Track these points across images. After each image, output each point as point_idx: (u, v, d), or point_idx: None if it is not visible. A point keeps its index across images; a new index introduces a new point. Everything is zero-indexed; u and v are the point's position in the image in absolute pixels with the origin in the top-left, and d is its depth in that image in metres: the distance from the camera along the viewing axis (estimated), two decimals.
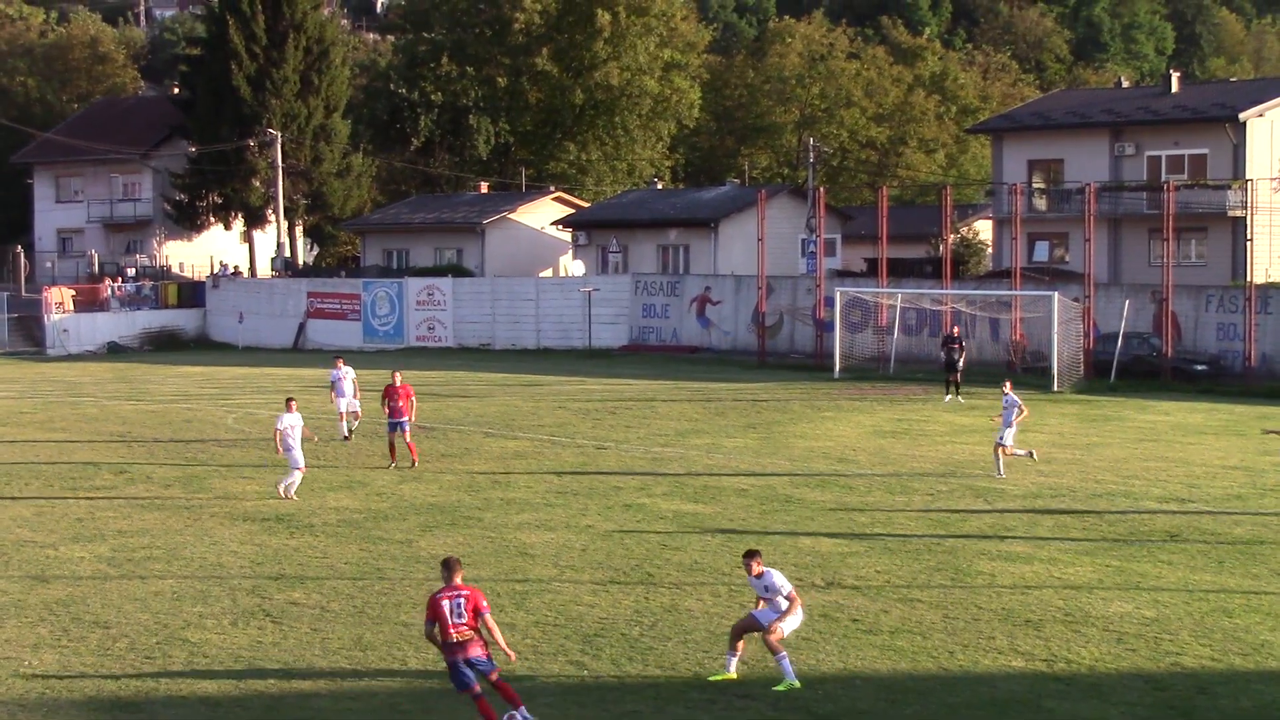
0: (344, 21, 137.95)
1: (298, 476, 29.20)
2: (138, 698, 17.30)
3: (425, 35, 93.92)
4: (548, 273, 75.98)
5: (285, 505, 28.33)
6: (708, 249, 69.54)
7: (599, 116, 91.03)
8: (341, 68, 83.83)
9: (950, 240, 62.03)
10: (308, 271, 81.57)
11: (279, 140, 76.44)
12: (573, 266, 74.33)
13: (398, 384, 33.33)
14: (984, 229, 78.66)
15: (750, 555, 17.75)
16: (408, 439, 33.16)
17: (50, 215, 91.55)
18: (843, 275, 65.96)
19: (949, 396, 45.30)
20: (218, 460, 34.15)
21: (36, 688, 17.56)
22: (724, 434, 38.22)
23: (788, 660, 17.41)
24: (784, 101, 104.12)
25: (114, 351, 69.61)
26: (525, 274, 72.62)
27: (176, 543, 25.17)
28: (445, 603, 15.92)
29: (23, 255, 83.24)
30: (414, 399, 33.70)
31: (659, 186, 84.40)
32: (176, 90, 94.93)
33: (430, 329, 68.57)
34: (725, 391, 48.62)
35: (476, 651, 15.86)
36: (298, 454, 29.13)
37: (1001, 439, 31.14)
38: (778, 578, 17.63)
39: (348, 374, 37.64)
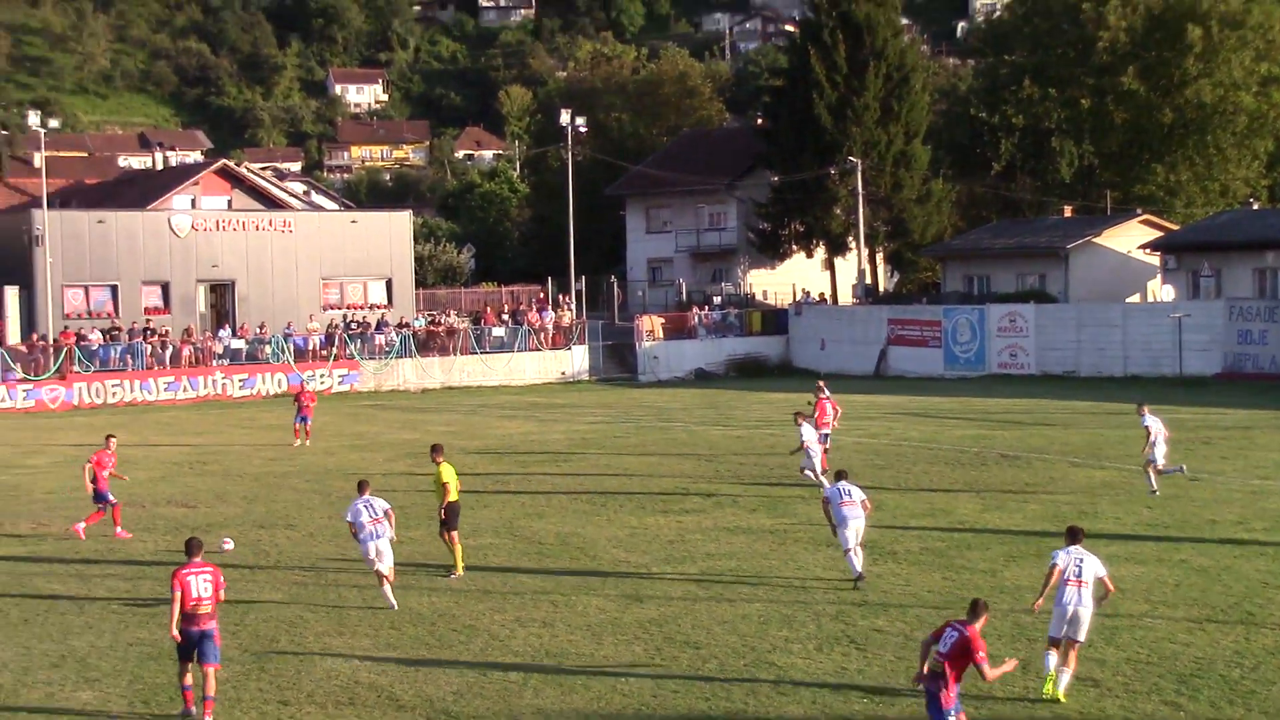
0: (924, 47, 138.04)
1: None
2: (727, 718, 17.56)
3: (1006, 58, 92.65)
4: (1134, 298, 73.40)
5: (869, 533, 28.26)
6: None
7: (1189, 135, 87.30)
8: (921, 94, 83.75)
9: None
10: (888, 298, 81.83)
11: (860, 168, 77.06)
12: (1161, 291, 71.56)
13: None
14: None
15: None
16: None
17: (641, 245, 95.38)
18: None
19: None
20: (802, 486, 34.49)
21: (631, 704, 18.09)
22: None
23: None
24: None
25: (701, 378, 71.78)
26: (1111, 299, 70.37)
27: (763, 566, 25.54)
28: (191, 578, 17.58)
29: (616, 284, 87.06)
30: None
31: (1255, 207, 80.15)
32: (760, 121, 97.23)
33: (1012, 356, 67.43)
34: None
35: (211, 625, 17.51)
36: None
37: None
38: None
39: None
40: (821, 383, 41.32)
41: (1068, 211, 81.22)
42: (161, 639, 19.93)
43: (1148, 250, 72.95)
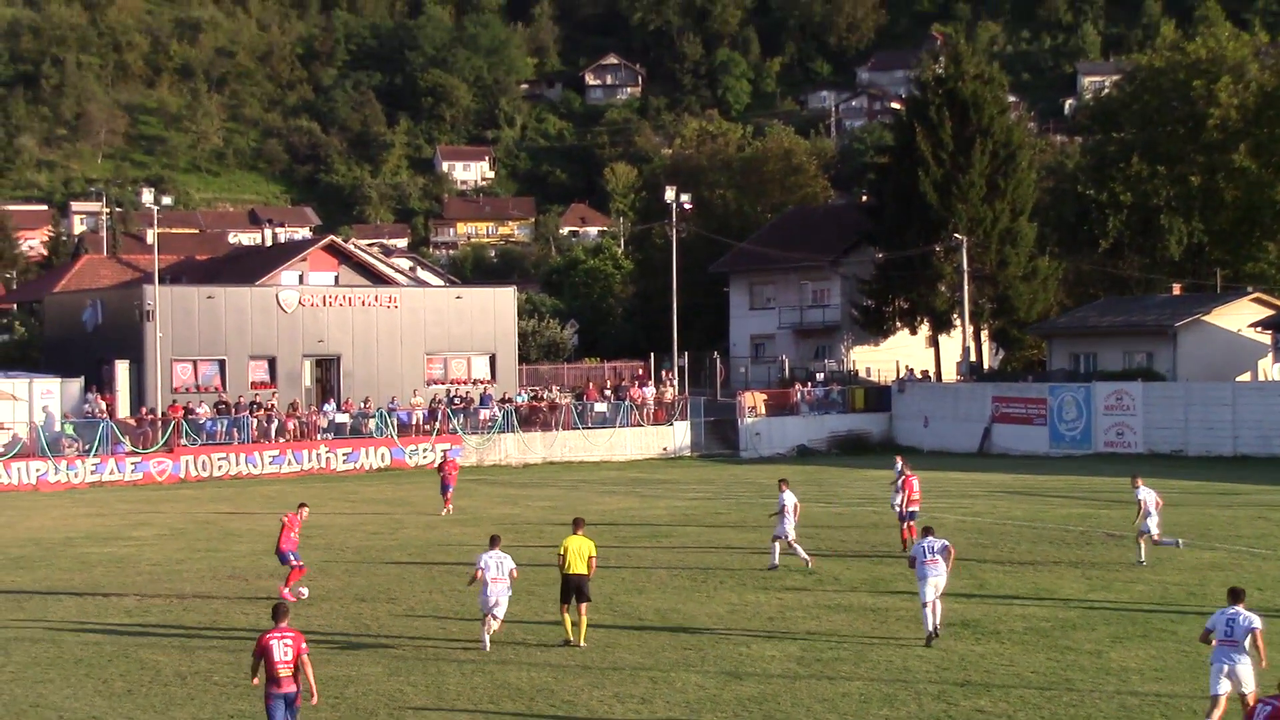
0: (1031, 124, 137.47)
1: None
2: None
3: (1114, 135, 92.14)
4: (1244, 376, 72.30)
5: (972, 611, 27.94)
6: None
7: None
8: (1028, 171, 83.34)
9: None
10: (992, 375, 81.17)
11: (965, 244, 76.72)
12: (1273, 370, 70.42)
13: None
14: None
15: None
16: None
17: (744, 321, 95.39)
18: None
19: None
20: (903, 564, 34.09)
21: None
22: None
23: None
24: None
25: (803, 454, 71.49)
26: (1220, 378, 69.37)
27: (863, 645, 25.28)
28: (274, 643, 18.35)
29: (719, 360, 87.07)
30: None
31: None
32: (864, 198, 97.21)
33: (1119, 434, 66.59)
34: None
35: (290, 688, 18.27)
36: None
37: None
38: None
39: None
40: (900, 458, 41.09)
41: (1176, 289, 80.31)
42: (261, 712, 20.02)
43: (1258, 329, 71.93)
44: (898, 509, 37.24)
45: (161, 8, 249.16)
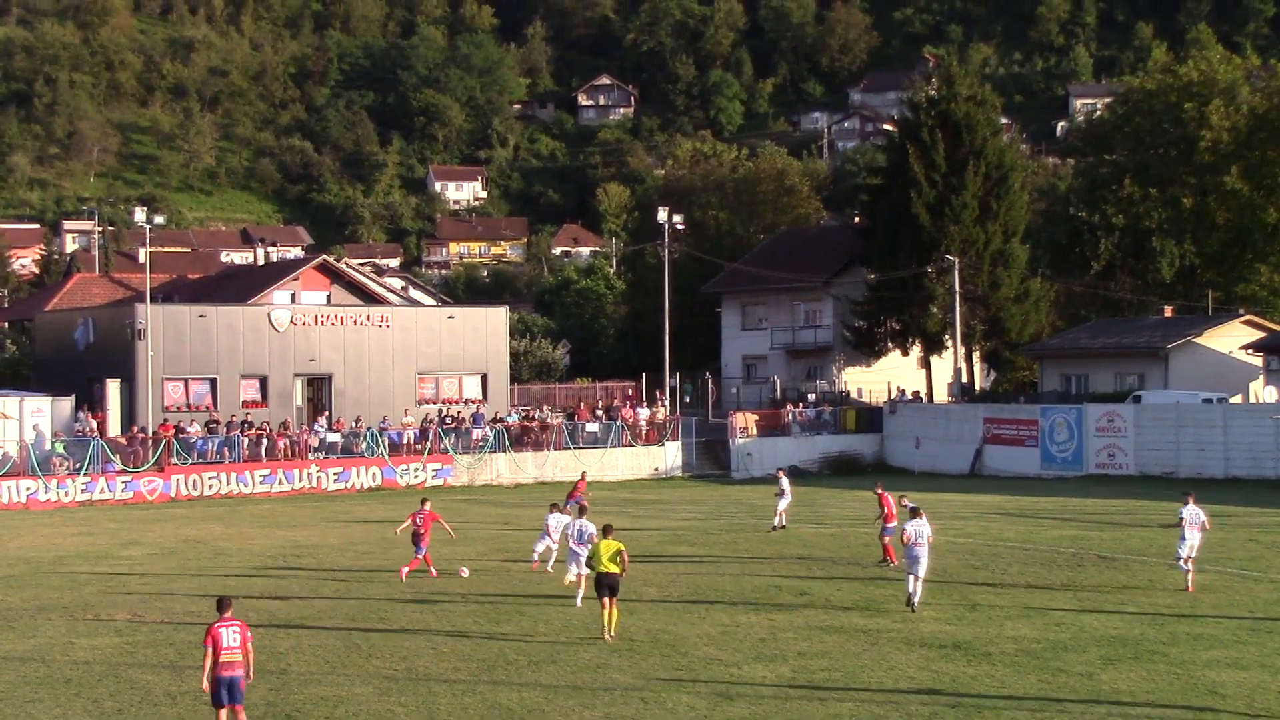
0: (1023, 146, 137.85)
1: None
2: None
3: (1106, 157, 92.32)
4: (1236, 399, 72.39)
5: (963, 633, 27.93)
6: None
7: None
8: (1020, 192, 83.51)
9: None
10: (984, 397, 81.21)
11: (957, 266, 76.84)
12: (1264, 392, 70.52)
13: None
14: None
15: None
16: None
17: (736, 342, 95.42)
18: None
19: None
20: (895, 585, 34.16)
21: None
22: None
23: None
24: None
25: (794, 475, 71.38)
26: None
27: (855, 666, 25.25)
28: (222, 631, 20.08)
29: (710, 381, 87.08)
30: None
31: None
32: (857, 219, 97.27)
33: (1110, 456, 66.61)
34: None
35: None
36: None
37: None
38: None
39: None
40: (880, 484, 42.49)
41: (1168, 311, 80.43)
42: None
43: (1250, 351, 72.04)
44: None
45: (155, 27, 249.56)
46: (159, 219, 77.42)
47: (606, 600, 27.80)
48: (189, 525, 50.45)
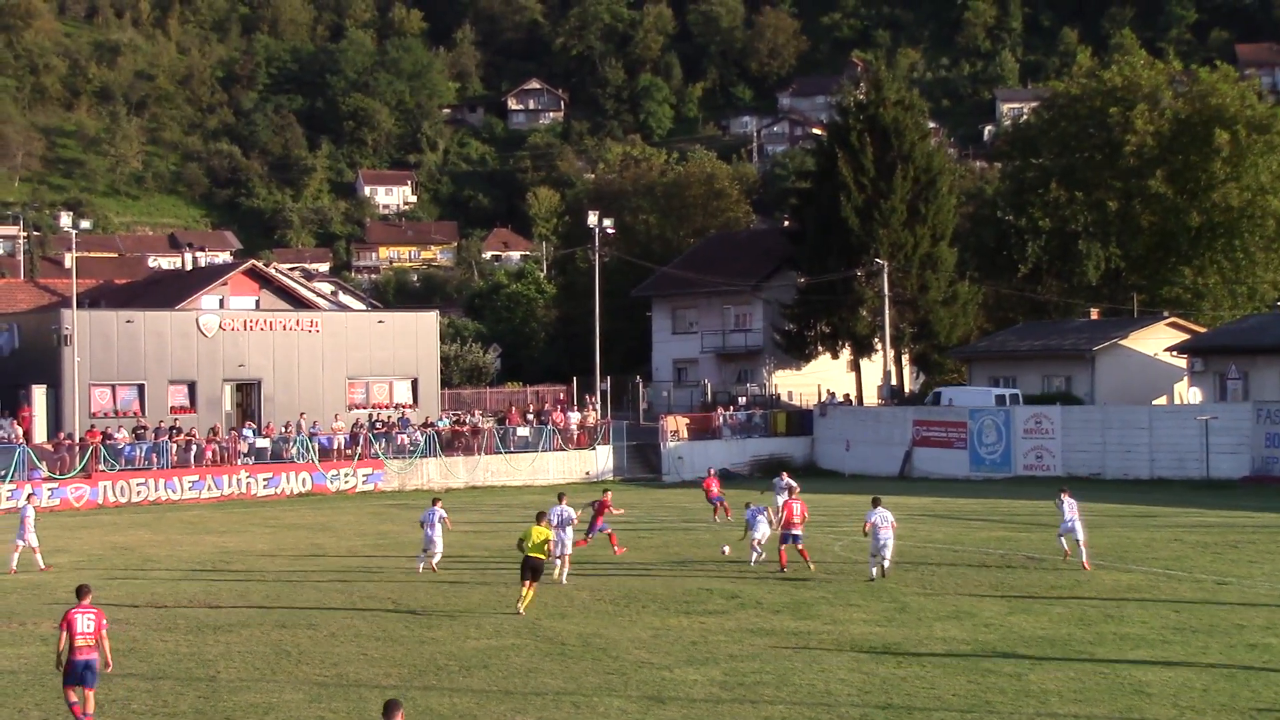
0: (951, 150, 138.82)
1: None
2: None
3: (1033, 161, 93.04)
4: (1161, 400, 73.18)
5: (893, 634, 28.08)
6: None
7: (1217, 239, 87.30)
8: (948, 196, 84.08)
9: None
10: (914, 399, 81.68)
11: (886, 269, 77.26)
12: (1189, 394, 71.32)
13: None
14: None
15: None
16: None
17: (667, 346, 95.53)
18: None
19: None
20: (825, 587, 34.34)
21: None
22: None
23: None
24: None
25: (725, 478, 71.49)
26: (1137, 402, 70.19)
27: (786, 669, 25.33)
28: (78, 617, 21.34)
29: (641, 385, 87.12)
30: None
31: None
32: (786, 223, 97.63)
33: (1038, 458, 67.16)
34: None
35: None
36: None
37: None
38: None
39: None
40: (795, 486, 43.59)
41: (1094, 314, 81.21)
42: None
43: (1175, 353, 72.83)
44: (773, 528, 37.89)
45: (80, 30, 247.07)
46: (85, 224, 76.77)
47: (529, 581, 30.77)
48: (117, 532, 49.99)
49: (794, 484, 44.69)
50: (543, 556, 31.10)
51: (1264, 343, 69.23)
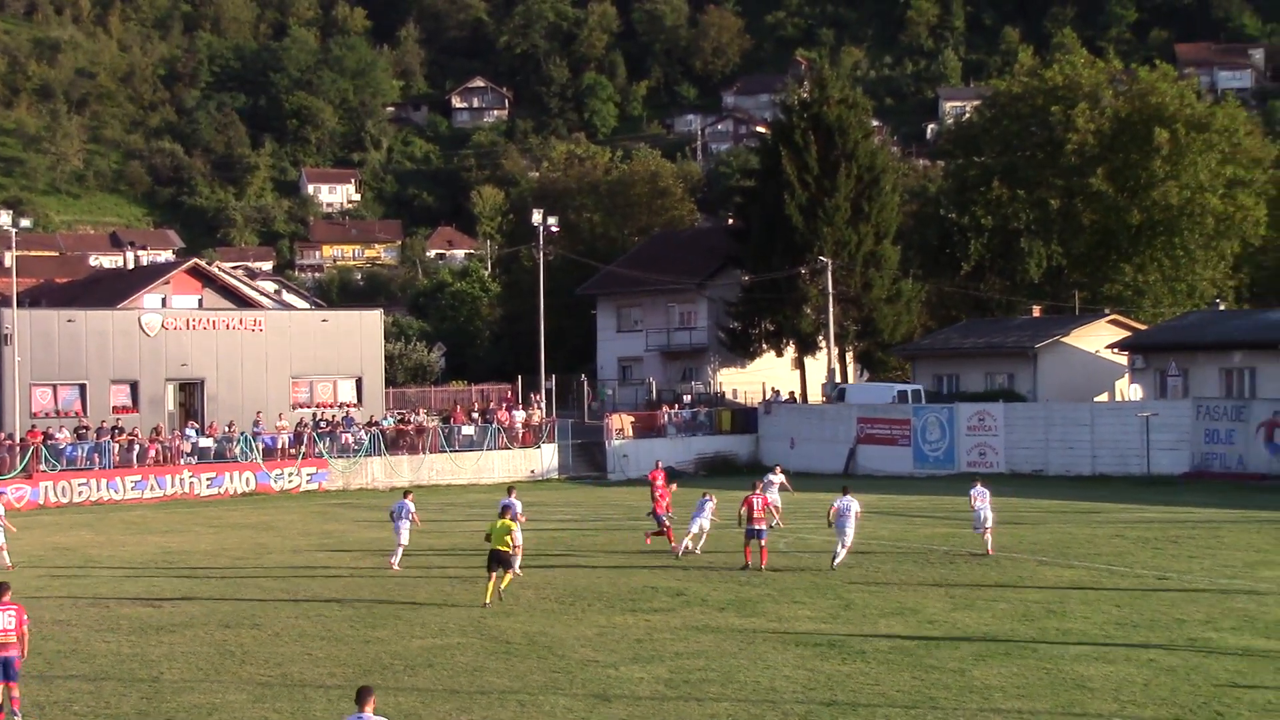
0: (894, 149, 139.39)
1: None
2: None
3: (975, 159, 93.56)
4: (1103, 397, 73.74)
5: (838, 631, 28.19)
6: (1276, 372, 65.85)
7: (1157, 236, 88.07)
8: (891, 194, 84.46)
9: None
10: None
11: (830, 267, 77.53)
12: (1129, 391, 71.90)
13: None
14: None
15: None
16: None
17: (611, 344, 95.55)
18: None
19: None
20: (771, 584, 34.44)
21: None
22: None
23: None
24: None
25: (670, 476, 71.49)
26: (1079, 398, 70.71)
27: (731, 666, 25.39)
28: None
29: (586, 383, 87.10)
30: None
31: (1221, 308, 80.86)
32: (730, 221, 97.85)
33: (981, 454, 67.54)
34: None
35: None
36: None
37: None
38: None
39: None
40: (759, 482, 43.09)
41: (1036, 311, 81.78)
42: None
43: (1116, 350, 73.38)
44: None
45: (19, 27, 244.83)
46: (25, 222, 75.89)
47: (496, 572, 31.93)
48: (58, 532, 49.61)
49: (783, 478, 46.40)
50: (505, 548, 32.08)
51: (1203, 340, 69.88)
